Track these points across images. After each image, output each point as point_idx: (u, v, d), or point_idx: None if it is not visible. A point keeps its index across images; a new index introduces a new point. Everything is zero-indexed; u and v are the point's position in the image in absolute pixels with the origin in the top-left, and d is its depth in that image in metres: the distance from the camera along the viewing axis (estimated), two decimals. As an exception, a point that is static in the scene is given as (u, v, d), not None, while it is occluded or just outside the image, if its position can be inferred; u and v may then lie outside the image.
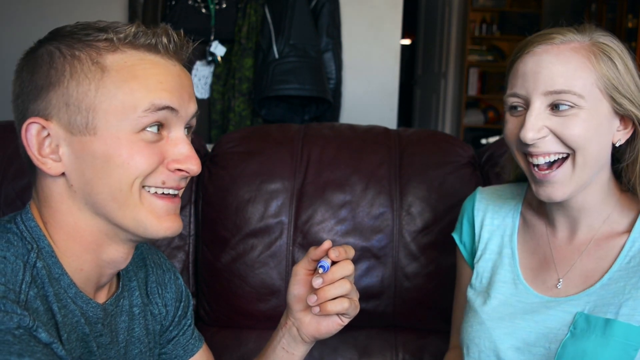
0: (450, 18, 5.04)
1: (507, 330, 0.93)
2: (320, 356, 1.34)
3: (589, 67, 0.85)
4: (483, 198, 1.09)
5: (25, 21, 2.70)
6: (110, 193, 0.69)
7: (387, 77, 2.80)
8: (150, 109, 0.68)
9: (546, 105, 0.87)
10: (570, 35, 0.88)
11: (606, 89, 0.86)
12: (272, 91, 2.38)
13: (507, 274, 0.99)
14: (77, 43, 0.68)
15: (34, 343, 0.59)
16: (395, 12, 2.75)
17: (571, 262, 0.94)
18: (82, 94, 0.67)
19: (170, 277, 0.91)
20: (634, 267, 0.88)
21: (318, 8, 2.51)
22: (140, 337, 0.82)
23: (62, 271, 0.70)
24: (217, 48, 2.52)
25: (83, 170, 0.68)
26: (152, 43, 0.70)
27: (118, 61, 0.68)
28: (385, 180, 1.36)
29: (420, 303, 1.34)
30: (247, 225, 1.34)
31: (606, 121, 0.87)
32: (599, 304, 0.87)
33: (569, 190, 0.88)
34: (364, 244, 1.34)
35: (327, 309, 0.80)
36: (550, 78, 0.85)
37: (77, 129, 0.67)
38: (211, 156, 1.43)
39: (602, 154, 0.89)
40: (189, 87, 0.74)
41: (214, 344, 1.35)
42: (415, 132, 1.47)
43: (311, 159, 1.38)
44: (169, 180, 0.71)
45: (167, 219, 0.72)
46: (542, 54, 0.87)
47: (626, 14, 4.78)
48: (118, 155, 0.67)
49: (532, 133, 0.86)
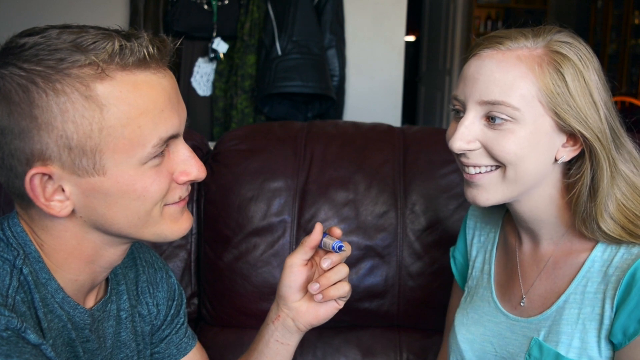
0: (455, 14, 5.01)
1: (477, 354, 0.93)
2: (324, 356, 1.33)
3: (531, 79, 0.78)
4: (473, 215, 1.06)
5: (26, 20, 2.69)
6: (128, 222, 0.68)
7: (391, 74, 2.79)
8: (158, 144, 0.66)
9: (482, 116, 0.81)
10: (521, 40, 0.80)
11: (549, 104, 0.78)
12: (275, 88, 2.37)
13: (485, 292, 0.97)
14: (53, 73, 0.61)
15: (22, 344, 0.59)
16: (400, 8, 2.73)
17: (532, 280, 0.90)
18: (84, 137, 0.62)
19: (162, 275, 0.91)
20: (590, 293, 0.82)
21: (321, 4, 2.49)
22: (126, 341, 0.82)
23: (49, 276, 0.69)
24: (219, 45, 2.51)
25: (95, 206, 0.67)
26: (140, 58, 0.64)
27: (111, 92, 0.63)
28: (389, 178, 1.35)
29: (425, 302, 1.33)
30: (249, 224, 1.33)
31: (547, 138, 0.80)
32: (553, 331, 0.83)
33: (495, 198, 0.83)
34: (367, 242, 1.33)
35: (330, 294, 0.82)
36: (486, 87, 0.79)
37: (84, 170, 0.64)
38: (213, 154, 1.42)
39: (539, 170, 0.82)
40: (179, 94, 0.71)
41: (216, 344, 1.34)
42: (420, 130, 1.46)
43: (314, 157, 1.37)
44: (183, 192, 0.73)
45: (182, 221, 0.74)
46: (485, 59, 0.80)
47: (633, 10, 4.74)
48: (133, 191, 0.66)
49: (460, 143, 0.81)
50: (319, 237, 0.85)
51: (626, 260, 0.80)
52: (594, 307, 0.81)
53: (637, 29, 4.78)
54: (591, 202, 0.81)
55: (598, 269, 0.82)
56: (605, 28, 5.11)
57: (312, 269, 0.88)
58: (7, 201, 1.30)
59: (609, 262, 0.81)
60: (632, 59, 4.86)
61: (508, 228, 0.98)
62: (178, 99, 0.70)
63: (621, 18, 4.89)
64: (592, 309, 0.81)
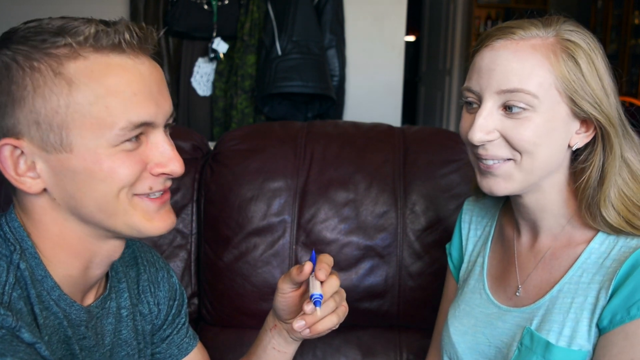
0: (455, 14, 5.01)
1: (470, 345, 0.93)
2: (324, 356, 1.33)
3: (547, 67, 0.79)
4: (468, 210, 1.07)
5: (25, 19, 2.69)
6: (96, 206, 0.67)
7: (391, 74, 2.79)
8: (127, 128, 0.65)
9: (499, 105, 0.81)
10: (533, 30, 0.81)
11: (565, 90, 0.79)
12: (275, 88, 2.37)
13: (476, 284, 0.97)
14: (34, 52, 0.64)
15: (16, 343, 0.59)
16: (400, 8, 2.73)
17: (529, 271, 0.90)
18: (51, 111, 0.64)
19: (163, 275, 0.91)
20: (585, 283, 0.82)
21: (321, 4, 2.49)
22: (127, 339, 0.82)
23: (45, 273, 0.69)
24: (219, 45, 2.51)
25: (65, 185, 0.67)
26: (115, 42, 0.65)
27: (82, 70, 0.64)
28: (389, 178, 1.35)
29: (425, 302, 1.33)
30: (249, 224, 1.33)
31: (562, 125, 0.81)
32: (545, 320, 0.83)
33: (512, 187, 0.83)
34: (367, 242, 1.33)
35: (318, 330, 0.81)
36: (504, 76, 0.80)
37: (52, 146, 0.65)
38: (213, 154, 1.42)
39: (554, 157, 0.83)
40: (162, 84, 0.70)
41: (216, 344, 1.34)
42: (420, 130, 1.46)
43: (314, 157, 1.37)
44: (156, 184, 0.70)
45: (159, 219, 0.72)
46: (499, 50, 0.81)
47: (633, 10, 4.74)
48: (99, 170, 0.65)
49: (480, 134, 0.81)
50: (305, 277, 0.82)
51: (624, 253, 0.80)
52: (586, 297, 0.81)
53: (637, 29, 4.78)
54: (598, 188, 0.82)
55: (594, 260, 0.83)
56: (605, 28, 5.11)
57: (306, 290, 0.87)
58: (7, 201, 1.30)
59: (607, 254, 0.82)
60: (632, 59, 4.86)
61: (505, 220, 0.98)
62: (159, 89, 0.69)
63: (621, 18, 4.89)
64: (585, 298, 0.81)
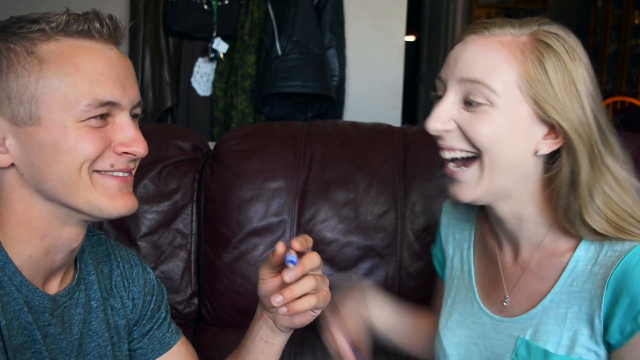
0: (455, 14, 5.01)
1: (463, 357, 0.93)
2: (324, 356, 1.33)
3: (513, 64, 0.78)
4: (446, 212, 1.06)
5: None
6: (60, 179, 0.71)
7: (391, 74, 2.79)
8: (92, 104, 0.70)
9: (460, 98, 0.81)
10: (507, 28, 0.81)
11: (528, 90, 0.78)
12: (275, 88, 2.37)
13: (468, 294, 0.97)
14: (10, 36, 0.70)
15: None
16: (400, 8, 2.73)
17: (515, 281, 0.90)
18: (22, 87, 0.69)
19: (138, 271, 0.92)
20: (576, 292, 0.81)
21: (321, 4, 2.49)
22: (98, 330, 0.83)
23: (6, 259, 0.71)
24: (219, 45, 2.51)
25: (32, 159, 0.70)
26: (84, 29, 0.71)
27: (54, 50, 0.70)
28: (389, 178, 1.35)
29: (425, 302, 1.32)
30: (249, 224, 1.33)
31: (524, 125, 0.79)
32: (541, 330, 0.83)
33: (476, 194, 0.83)
34: (367, 242, 1.33)
35: (295, 309, 0.80)
36: (467, 65, 0.80)
37: (22, 120, 0.69)
38: (213, 154, 1.42)
39: (519, 161, 0.81)
40: (129, 72, 0.75)
41: (216, 344, 1.34)
42: (420, 130, 1.46)
43: (314, 157, 1.37)
44: (117, 162, 0.74)
45: (120, 198, 0.74)
46: (469, 43, 0.82)
47: (633, 10, 4.75)
48: (65, 142, 0.69)
49: (435, 124, 0.81)
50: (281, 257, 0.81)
51: (610, 257, 0.79)
52: (580, 306, 0.81)
53: (637, 29, 4.78)
54: (572, 196, 0.80)
55: (582, 267, 0.82)
56: (605, 28, 5.12)
57: None
58: None
59: (594, 261, 0.81)
60: (632, 59, 4.87)
61: (485, 229, 0.97)
62: (127, 76, 0.74)
63: (621, 18, 4.89)
64: (580, 307, 0.81)
